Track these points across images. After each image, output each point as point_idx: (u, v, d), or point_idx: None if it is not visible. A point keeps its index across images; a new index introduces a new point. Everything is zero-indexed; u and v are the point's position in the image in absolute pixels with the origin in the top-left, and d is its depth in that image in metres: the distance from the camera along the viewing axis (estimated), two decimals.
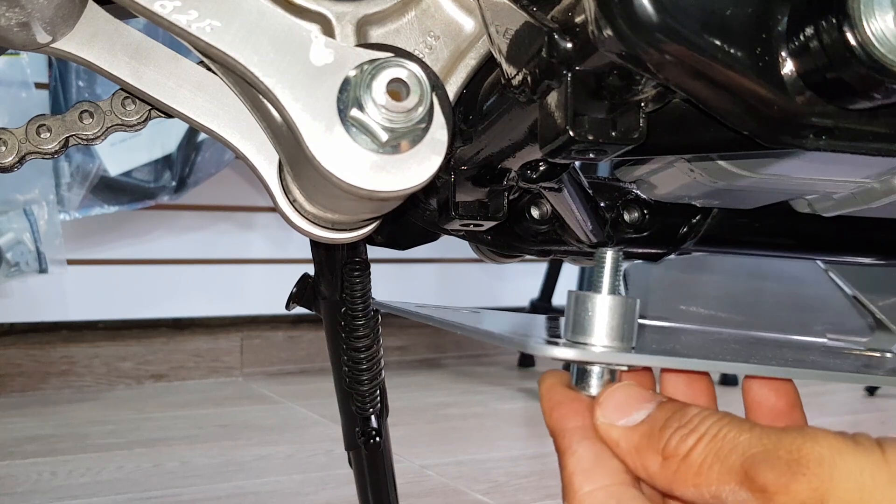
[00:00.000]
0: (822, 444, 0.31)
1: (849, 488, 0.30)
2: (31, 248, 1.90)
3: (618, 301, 0.38)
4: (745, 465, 0.32)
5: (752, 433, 0.32)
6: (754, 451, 0.32)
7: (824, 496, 0.30)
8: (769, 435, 0.32)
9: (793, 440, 0.31)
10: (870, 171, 0.47)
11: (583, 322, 0.38)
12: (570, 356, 0.37)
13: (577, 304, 0.39)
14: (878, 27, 0.30)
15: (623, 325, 0.38)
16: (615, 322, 0.38)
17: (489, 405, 2.28)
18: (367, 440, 0.88)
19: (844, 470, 0.30)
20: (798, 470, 0.31)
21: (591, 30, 0.34)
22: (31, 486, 1.55)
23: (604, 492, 0.35)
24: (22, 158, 0.49)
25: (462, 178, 0.53)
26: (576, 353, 0.37)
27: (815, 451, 0.31)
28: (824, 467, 0.30)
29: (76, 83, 1.93)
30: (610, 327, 0.38)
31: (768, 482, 0.31)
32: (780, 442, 0.32)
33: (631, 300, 0.39)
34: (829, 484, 0.30)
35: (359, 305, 0.84)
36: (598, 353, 0.38)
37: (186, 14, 0.40)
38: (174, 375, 2.42)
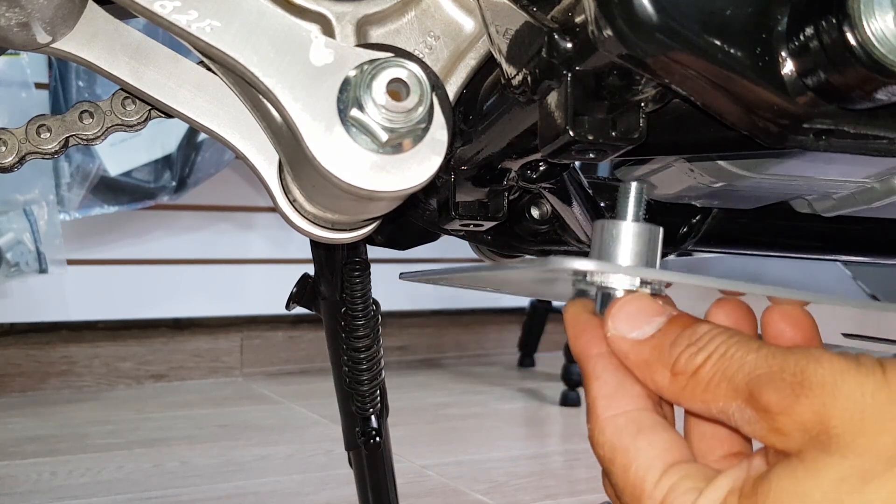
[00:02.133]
0: (825, 366, 0.31)
1: (850, 408, 0.30)
2: (31, 249, 1.90)
3: (642, 227, 0.38)
4: (751, 385, 0.32)
5: (759, 353, 0.33)
6: (760, 372, 0.32)
7: (825, 417, 0.30)
8: (775, 356, 0.32)
9: (797, 362, 0.32)
10: (870, 172, 0.47)
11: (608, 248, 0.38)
12: (590, 267, 0.37)
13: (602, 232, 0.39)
14: (878, 27, 0.30)
15: (647, 251, 0.38)
16: (639, 248, 0.38)
17: (489, 405, 2.28)
18: (367, 440, 0.88)
19: (846, 391, 0.30)
20: (801, 392, 0.31)
21: (591, 30, 0.34)
22: (30, 487, 1.55)
23: (625, 417, 0.36)
24: (22, 158, 0.49)
25: (462, 178, 0.53)
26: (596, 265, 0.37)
27: (818, 374, 0.31)
28: (826, 389, 0.31)
29: (76, 83, 1.93)
30: (634, 252, 0.38)
31: (772, 403, 0.31)
32: (785, 363, 0.32)
33: (655, 227, 0.39)
34: (830, 405, 0.30)
35: (359, 305, 0.84)
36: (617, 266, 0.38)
37: (186, 14, 0.40)
38: (174, 375, 2.42)
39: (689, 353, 0.34)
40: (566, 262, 0.36)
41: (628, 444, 0.35)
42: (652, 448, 0.35)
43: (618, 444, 0.36)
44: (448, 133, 0.40)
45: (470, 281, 0.49)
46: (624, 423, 0.36)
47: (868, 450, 0.30)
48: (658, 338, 0.36)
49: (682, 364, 0.34)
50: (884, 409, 0.30)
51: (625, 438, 0.35)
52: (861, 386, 0.30)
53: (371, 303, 0.85)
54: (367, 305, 0.84)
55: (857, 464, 0.30)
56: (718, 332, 0.34)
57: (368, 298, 0.84)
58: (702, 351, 0.34)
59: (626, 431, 0.36)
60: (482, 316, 2.90)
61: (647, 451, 0.35)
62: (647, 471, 0.34)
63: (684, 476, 0.34)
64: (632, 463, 0.35)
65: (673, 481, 0.34)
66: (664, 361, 0.35)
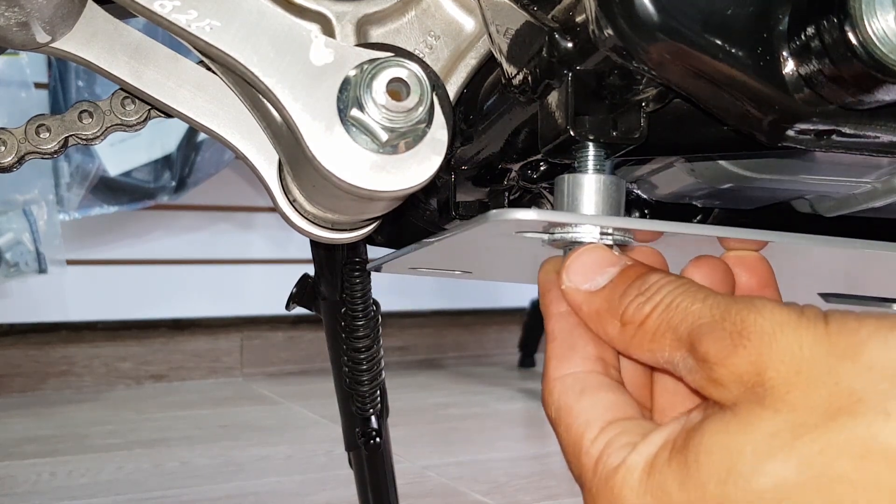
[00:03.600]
0: (765, 316, 0.30)
1: (786, 361, 0.29)
2: (31, 249, 1.90)
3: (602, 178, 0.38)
4: (692, 334, 0.32)
5: (705, 303, 0.32)
6: (701, 322, 0.32)
7: (761, 368, 0.30)
8: (718, 305, 0.32)
9: (738, 311, 0.31)
10: (871, 171, 0.47)
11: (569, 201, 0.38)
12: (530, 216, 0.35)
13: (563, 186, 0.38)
14: (879, 26, 0.30)
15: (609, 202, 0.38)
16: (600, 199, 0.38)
17: (489, 406, 2.28)
18: (368, 441, 0.88)
19: (784, 343, 0.30)
20: (739, 342, 0.30)
21: (592, 29, 0.34)
22: (30, 487, 1.55)
23: (572, 377, 0.36)
24: (21, 158, 0.49)
25: (462, 177, 0.53)
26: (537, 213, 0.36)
27: (757, 324, 0.30)
28: (764, 340, 0.30)
29: (76, 83, 1.93)
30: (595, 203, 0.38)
31: (709, 353, 0.31)
32: (727, 313, 0.31)
33: (617, 178, 0.38)
34: (767, 356, 0.30)
35: (359, 306, 0.84)
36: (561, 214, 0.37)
37: (186, 14, 0.40)
38: (174, 376, 2.42)
39: (637, 302, 0.34)
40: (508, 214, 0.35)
41: (572, 403, 0.35)
42: (593, 408, 0.35)
43: (562, 404, 0.36)
44: (448, 133, 0.40)
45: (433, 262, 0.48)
46: (570, 384, 0.36)
47: (801, 404, 0.29)
48: (609, 288, 0.35)
49: (630, 314, 0.34)
50: (820, 363, 0.29)
51: (570, 398, 0.36)
52: (799, 338, 0.30)
53: (371, 303, 0.85)
54: (367, 306, 0.84)
55: (789, 418, 0.29)
56: (667, 282, 0.34)
57: (368, 299, 0.84)
58: (649, 301, 0.34)
59: (572, 391, 0.36)
60: (482, 316, 2.90)
61: (588, 411, 0.35)
62: (586, 428, 0.35)
63: (620, 432, 0.34)
64: (574, 421, 0.35)
65: (609, 437, 0.34)
66: (614, 312, 0.35)
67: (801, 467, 0.28)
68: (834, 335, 0.29)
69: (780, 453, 0.29)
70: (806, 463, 0.28)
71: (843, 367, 0.29)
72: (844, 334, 0.29)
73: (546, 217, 0.36)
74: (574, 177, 0.38)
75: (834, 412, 0.28)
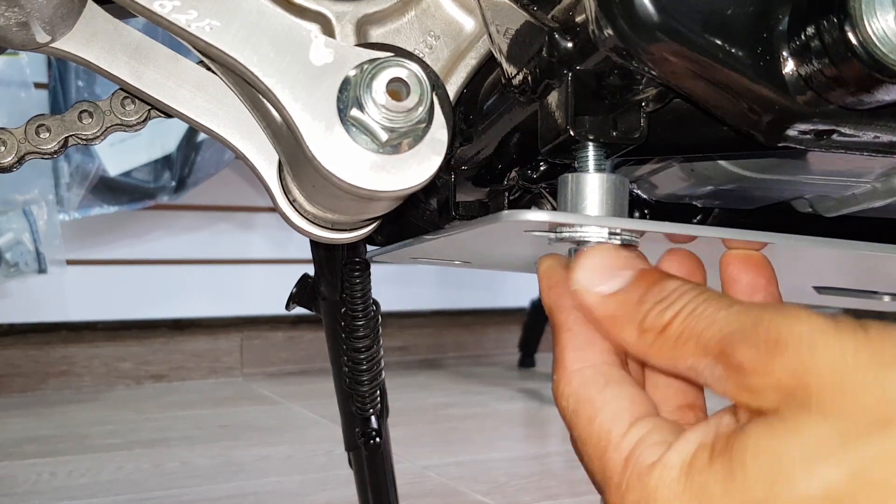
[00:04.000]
0: (803, 323, 0.30)
1: (829, 367, 0.29)
2: (31, 249, 1.90)
3: (605, 177, 0.38)
4: (723, 342, 0.31)
5: (731, 310, 0.32)
6: (732, 329, 0.31)
7: (803, 376, 0.29)
8: (748, 312, 0.31)
9: (772, 319, 0.30)
10: (871, 171, 0.47)
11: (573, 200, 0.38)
12: (542, 217, 0.35)
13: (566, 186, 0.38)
14: (879, 26, 0.30)
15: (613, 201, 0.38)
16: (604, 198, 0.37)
17: (489, 406, 2.28)
18: (367, 441, 0.88)
19: (825, 350, 0.29)
20: (777, 350, 0.29)
21: (592, 29, 0.34)
22: (30, 487, 1.55)
23: (593, 369, 0.35)
24: (21, 158, 0.49)
25: (462, 177, 0.53)
26: (550, 215, 0.36)
27: (795, 331, 0.29)
28: (804, 347, 0.29)
29: (75, 83, 1.93)
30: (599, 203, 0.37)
31: (745, 361, 0.30)
32: (760, 320, 0.30)
33: (620, 177, 0.38)
34: (809, 365, 0.29)
35: (359, 306, 0.84)
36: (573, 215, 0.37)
37: (186, 14, 0.40)
38: (174, 376, 2.42)
39: (657, 309, 0.33)
40: (518, 215, 0.35)
41: (594, 395, 0.35)
42: (619, 400, 0.34)
43: (583, 396, 0.35)
44: (448, 133, 0.40)
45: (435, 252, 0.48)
46: (591, 375, 0.35)
47: (849, 410, 0.28)
48: (625, 293, 0.35)
49: (650, 321, 0.33)
50: (864, 370, 0.28)
51: (591, 390, 0.35)
52: (842, 345, 0.29)
53: (371, 303, 0.85)
54: (367, 306, 0.84)
55: (838, 424, 0.28)
56: (688, 289, 0.33)
57: (368, 299, 0.84)
58: (670, 307, 0.33)
59: (594, 383, 0.35)
60: (482, 316, 2.90)
61: (613, 404, 0.34)
62: (614, 423, 0.34)
63: (652, 429, 0.33)
64: (597, 414, 0.34)
65: (640, 434, 0.33)
66: (631, 318, 0.34)
67: (852, 474, 0.28)
68: (877, 343, 0.29)
69: (831, 458, 0.28)
70: (857, 469, 0.28)
71: (889, 375, 0.28)
72: (888, 342, 0.29)
73: (558, 219, 0.36)
74: (578, 176, 0.38)
75: (884, 421, 0.28)
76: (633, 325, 0.34)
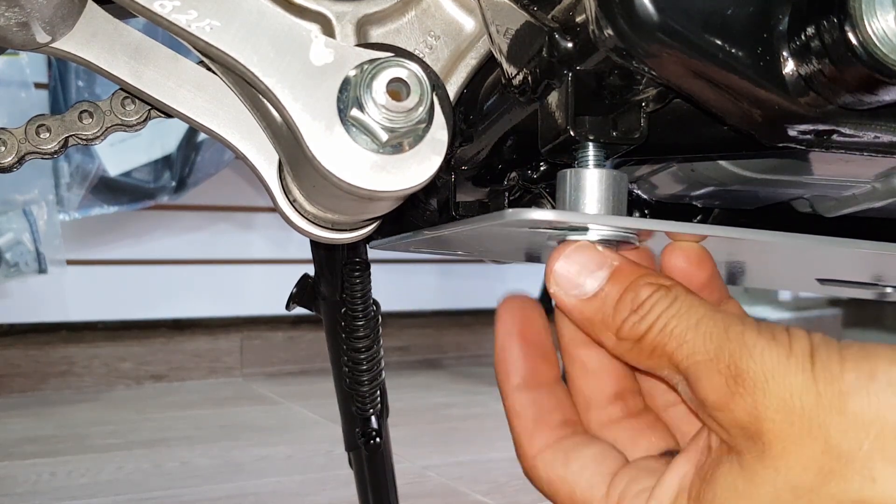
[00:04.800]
0: (756, 359, 0.31)
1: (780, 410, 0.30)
2: (31, 249, 1.90)
3: (605, 174, 0.37)
4: (690, 370, 0.32)
5: (698, 331, 0.32)
6: (698, 357, 0.32)
7: (758, 419, 0.30)
8: (711, 337, 0.32)
9: (731, 352, 0.31)
10: (871, 171, 0.47)
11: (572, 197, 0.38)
12: (546, 217, 0.35)
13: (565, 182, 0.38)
14: (880, 26, 0.30)
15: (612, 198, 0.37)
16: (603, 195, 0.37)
17: (490, 406, 2.28)
18: (368, 441, 0.88)
19: (775, 391, 0.30)
20: (735, 389, 0.31)
21: (592, 29, 0.34)
22: (30, 487, 1.55)
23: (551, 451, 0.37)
24: (21, 158, 0.49)
25: (462, 178, 0.53)
26: (555, 214, 0.35)
27: (750, 369, 0.31)
28: (758, 387, 0.30)
29: (76, 83, 1.93)
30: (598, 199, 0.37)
31: (708, 398, 0.31)
32: (720, 351, 0.31)
33: (619, 173, 0.38)
34: (762, 406, 0.30)
35: (359, 306, 0.84)
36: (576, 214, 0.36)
37: (186, 14, 0.40)
38: (174, 376, 2.42)
39: (631, 320, 0.34)
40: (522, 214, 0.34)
41: (563, 473, 0.36)
42: (586, 469, 0.36)
43: (554, 477, 0.36)
44: (448, 133, 0.40)
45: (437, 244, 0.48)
46: (552, 456, 0.36)
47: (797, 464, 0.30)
48: (601, 300, 0.35)
49: (625, 331, 0.34)
50: (809, 414, 0.30)
51: (558, 470, 0.36)
52: (789, 386, 0.30)
53: (371, 303, 0.85)
54: (368, 306, 0.84)
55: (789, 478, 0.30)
56: (660, 297, 0.34)
57: (368, 299, 0.84)
58: (644, 320, 0.34)
59: (557, 462, 0.36)
60: (483, 316, 2.90)
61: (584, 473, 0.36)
62: (592, 490, 0.35)
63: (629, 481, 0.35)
64: (574, 488, 0.36)
65: (621, 489, 0.35)
66: (607, 324, 0.35)
67: None
68: (821, 382, 0.30)
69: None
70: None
71: (831, 420, 0.29)
72: (829, 381, 0.30)
73: (562, 218, 0.36)
74: (577, 171, 0.38)
75: (827, 474, 0.29)
76: (611, 332, 0.35)
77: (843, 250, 0.39)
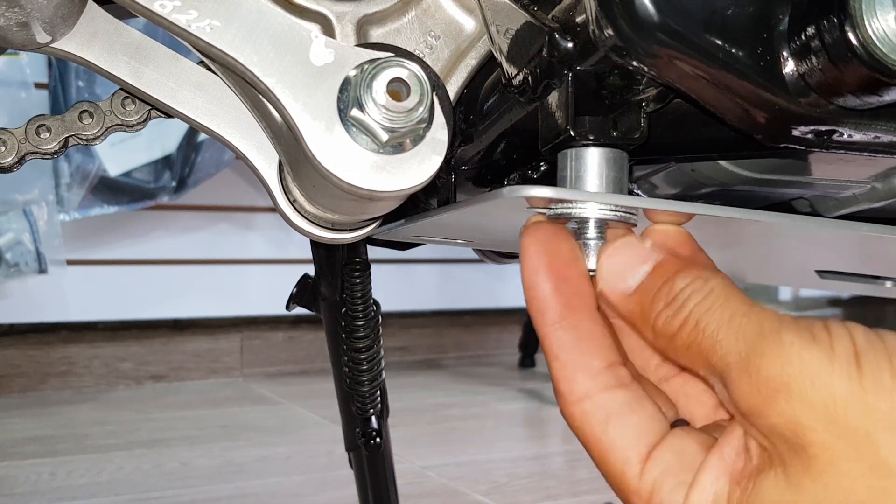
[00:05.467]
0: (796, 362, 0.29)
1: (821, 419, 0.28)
2: (31, 249, 1.90)
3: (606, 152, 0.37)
4: (724, 371, 0.31)
5: (730, 329, 0.31)
6: (730, 360, 0.30)
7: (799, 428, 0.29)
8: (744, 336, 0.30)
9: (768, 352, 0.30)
10: (871, 171, 0.47)
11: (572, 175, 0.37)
12: (545, 193, 0.34)
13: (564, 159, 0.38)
14: (880, 26, 0.30)
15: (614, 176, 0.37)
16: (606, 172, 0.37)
17: (489, 406, 2.28)
18: (368, 441, 0.88)
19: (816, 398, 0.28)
20: (768, 395, 0.29)
21: (592, 29, 0.34)
22: (30, 487, 1.55)
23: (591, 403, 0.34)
24: (21, 159, 0.49)
25: (463, 178, 0.53)
26: (552, 191, 0.35)
27: (785, 374, 0.29)
28: (794, 394, 0.29)
29: (76, 83, 1.93)
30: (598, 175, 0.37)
31: (741, 404, 0.30)
32: (752, 352, 0.30)
33: (620, 152, 0.38)
34: (801, 414, 0.29)
35: (359, 306, 0.84)
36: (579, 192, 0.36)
37: (186, 14, 0.40)
38: (174, 376, 2.42)
39: (665, 314, 0.33)
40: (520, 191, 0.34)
41: (599, 433, 0.34)
42: (623, 438, 0.34)
43: (588, 433, 0.34)
44: (449, 133, 0.40)
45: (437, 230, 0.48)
46: (591, 410, 0.34)
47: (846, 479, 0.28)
48: (640, 293, 0.34)
49: (660, 326, 0.33)
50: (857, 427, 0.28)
51: (594, 427, 0.34)
52: (833, 395, 0.28)
53: (371, 303, 0.85)
54: (368, 306, 0.84)
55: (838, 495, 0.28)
56: (694, 291, 0.33)
57: (369, 299, 0.84)
58: (677, 315, 0.33)
59: (595, 420, 0.34)
60: (483, 316, 2.90)
61: (620, 441, 0.34)
62: (625, 463, 0.33)
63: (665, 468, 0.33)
64: (607, 455, 0.34)
65: (655, 475, 0.33)
66: (646, 318, 0.34)
67: None
68: (870, 394, 0.28)
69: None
70: None
71: (881, 436, 0.28)
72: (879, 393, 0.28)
73: (561, 195, 0.35)
74: (578, 151, 0.38)
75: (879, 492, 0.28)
76: (648, 325, 0.34)
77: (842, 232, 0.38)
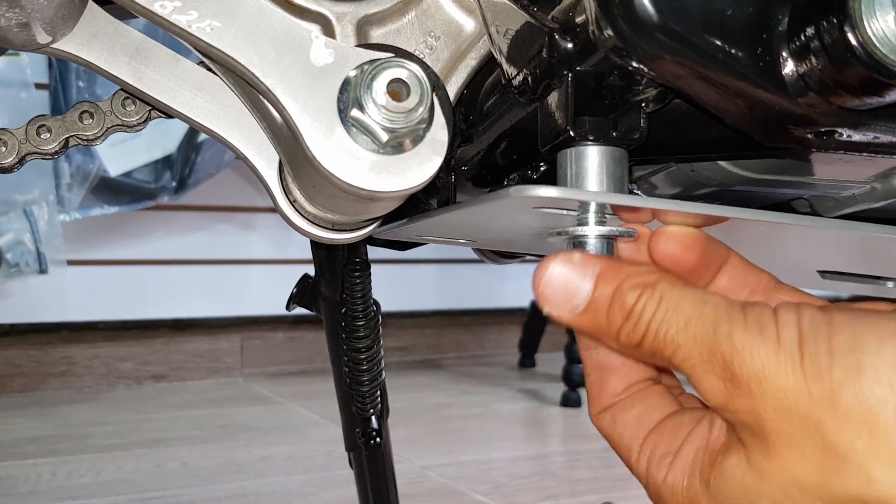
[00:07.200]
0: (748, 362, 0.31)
1: (776, 409, 0.31)
2: (31, 249, 1.90)
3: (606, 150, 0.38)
4: (689, 375, 0.33)
5: (688, 333, 0.33)
6: (693, 363, 0.33)
7: (759, 419, 0.31)
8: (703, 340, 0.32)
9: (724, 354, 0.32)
10: (871, 172, 0.47)
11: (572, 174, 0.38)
12: (551, 193, 0.34)
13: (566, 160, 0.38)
14: (879, 27, 0.30)
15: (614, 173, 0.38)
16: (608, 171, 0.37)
17: (489, 406, 2.28)
18: (368, 441, 0.88)
19: (770, 391, 0.31)
20: (733, 391, 0.32)
21: (592, 30, 0.34)
22: (31, 487, 1.55)
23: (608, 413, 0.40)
24: (22, 159, 0.49)
25: (462, 178, 0.53)
26: (558, 191, 0.35)
27: (743, 371, 0.31)
28: (753, 389, 0.31)
29: (76, 83, 1.93)
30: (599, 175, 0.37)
31: (709, 397, 0.33)
32: (713, 354, 0.32)
33: (620, 150, 0.38)
34: (760, 406, 0.31)
35: (359, 306, 0.84)
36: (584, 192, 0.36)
37: (186, 14, 0.40)
38: (174, 376, 2.42)
39: (626, 329, 0.34)
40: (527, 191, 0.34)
41: (610, 433, 0.40)
42: (626, 430, 0.39)
43: (607, 436, 0.40)
44: (449, 133, 0.40)
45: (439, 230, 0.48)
46: (606, 419, 0.40)
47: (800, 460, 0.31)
48: (593, 311, 0.35)
49: (623, 338, 0.35)
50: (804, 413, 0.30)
51: (607, 429, 0.40)
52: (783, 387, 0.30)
53: (371, 303, 0.85)
54: (368, 306, 0.84)
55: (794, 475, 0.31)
56: (647, 301, 0.34)
57: (369, 299, 0.84)
58: (636, 328, 0.34)
59: (607, 423, 0.40)
60: (482, 316, 2.90)
61: (623, 435, 0.39)
62: (629, 452, 0.39)
63: (654, 446, 0.37)
64: (620, 447, 0.39)
65: (647, 454, 0.37)
66: (605, 333, 0.35)
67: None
68: (811, 380, 0.30)
69: None
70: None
71: (825, 419, 0.30)
72: (819, 378, 0.30)
73: (567, 195, 0.36)
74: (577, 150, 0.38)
75: (828, 471, 0.30)
76: (611, 338, 0.35)
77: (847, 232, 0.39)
